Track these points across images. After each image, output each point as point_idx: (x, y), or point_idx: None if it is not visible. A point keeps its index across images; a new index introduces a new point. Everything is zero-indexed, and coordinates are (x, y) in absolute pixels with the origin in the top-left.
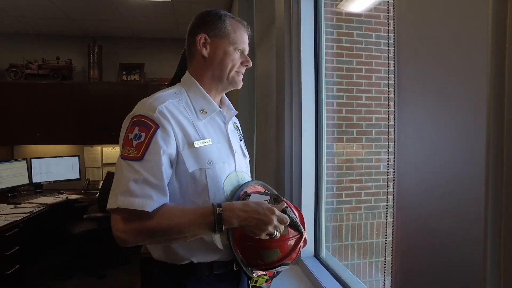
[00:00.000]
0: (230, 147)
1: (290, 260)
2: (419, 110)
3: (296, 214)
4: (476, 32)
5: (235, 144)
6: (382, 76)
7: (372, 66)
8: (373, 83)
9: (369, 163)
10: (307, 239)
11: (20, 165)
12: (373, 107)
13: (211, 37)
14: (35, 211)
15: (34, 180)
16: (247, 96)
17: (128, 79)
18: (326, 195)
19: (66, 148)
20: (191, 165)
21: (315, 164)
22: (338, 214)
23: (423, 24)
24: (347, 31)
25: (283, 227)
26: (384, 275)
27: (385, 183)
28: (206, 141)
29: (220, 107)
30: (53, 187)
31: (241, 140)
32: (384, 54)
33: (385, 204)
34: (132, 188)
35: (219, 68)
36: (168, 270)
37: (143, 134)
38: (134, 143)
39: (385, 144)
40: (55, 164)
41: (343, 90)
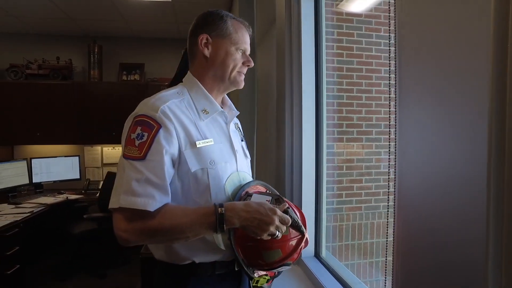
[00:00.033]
0: (232, 147)
1: (292, 260)
2: (420, 109)
3: (297, 214)
4: (478, 31)
5: (236, 144)
6: (382, 76)
7: (373, 66)
8: (373, 83)
9: (369, 163)
10: (308, 240)
11: (20, 165)
12: (373, 107)
13: (213, 37)
14: (35, 211)
15: (34, 180)
16: (247, 96)
17: (128, 79)
18: (327, 195)
19: (66, 148)
20: (193, 164)
21: (315, 164)
22: (338, 214)
23: (424, 24)
24: (347, 31)
25: (285, 227)
26: (385, 275)
27: (385, 183)
28: (208, 141)
29: (222, 107)
30: (53, 187)
31: (242, 141)
32: (384, 54)
33: (385, 204)
34: (135, 188)
35: (221, 68)
36: (169, 270)
37: (146, 134)
38: (137, 142)
39: (385, 144)
40: (55, 164)
41: (344, 90)
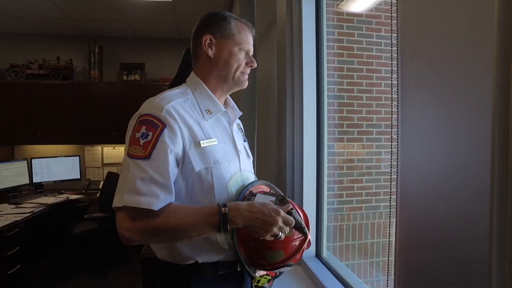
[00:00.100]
0: (235, 147)
1: (294, 261)
2: (422, 109)
3: (301, 215)
4: (481, 31)
5: (239, 145)
6: (382, 76)
7: (373, 66)
8: (374, 83)
9: (369, 163)
10: (311, 241)
11: (20, 165)
12: (373, 107)
13: (216, 38)
14: (35, 211)
15: (34, 180)
16: (248, 96)
17: (129, 79)
18: (327, 195)
19: (66, 148)
20: (197, 164)
21: (316, 164)
22: (339, 214)
23: (426, 23)
24: (348, 31)
25: (288, 228)
26: (387, 275)
27: (385, 183)
28: (212, 140)
29: (225, 107)
30: (53, 187)
31: (245, 141)
32: (385, 54)
33: (385, 204)
34: (139, 187)
35: (225, 69)
36: (172, 270)
37: (150, 133)
38: (141, 142)
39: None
40: (55, 164)
41: (344, 90)
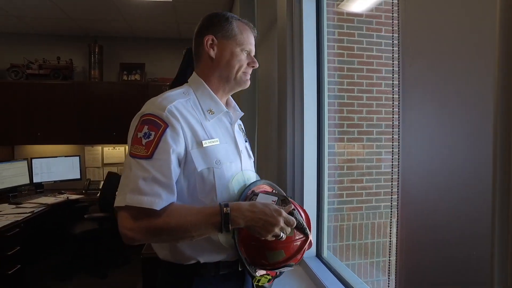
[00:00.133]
0: (237, 148)
1: (295, 261)
2: (424, 109)
3: (303, 216)
4: (483, 31)
5: (241, 145)
6: (383, 76)
7: (373, 66)
8: (374, 83)
9: (370, 163)
10: (312, 242)
11: (21, 165)
12: (374, 107)
13: (218, 38)
14: (36, 211)
15: (35, 180)
16: (249, 96)
17: (129, 79)
18: (328, 195)
19: (66, 148)
20: (199, 164)
21: (317, 164)
22: (339, 214)
23: (428, 24)
24: (348, 31)
25: (290, 229)
26: (389, 275)
27: (386, 183)
28: (214, 140)
29: (226, 108)
30: (53, 187)
31: (246, 141)
32: (385, 54)
33: (385, 204)
34: (141, 186)
35: (226, 69)
36: (174, 270)
37: (153, 133)
38: (144, 141)
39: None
40: (55, 164)
41: (344, 90)
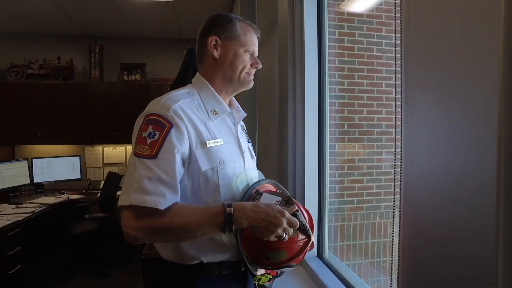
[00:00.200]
0: (240, 148)
1: (296, 262)
2: (426, 109)
3: (306, 217)
4: (486, 31)
5: (244, 145)
6: (383, 76)
7: (374, 66)
8: (374, 83)
9: (370, 163)
10: (314, 243)
11: (21, 165)
12: (374, 107)
13: (222, 39)
14: (36, 211)
15: (35, 180)
16: (250, 96)
17: (129, 79)
18: (329, 195)
19: (67, 148)
20: (203, 164)
21: (318, 165)
22: (340, 214)
23: (431, 23)
24: (348, 31)
25: (292, 230)
26: (391, 274)
27: (386, 183)
28: (218, 141)
29: (229, 108)
30: (54, 187)
31: (248, 142)
32: (386, 54)
33: (386, 204)
34: (146, 186)
35: (230, 70)
36: (176, 270)
37: (157, 133)
38: (148, 141)
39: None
40: (56, 164)
41: (345, 90)
